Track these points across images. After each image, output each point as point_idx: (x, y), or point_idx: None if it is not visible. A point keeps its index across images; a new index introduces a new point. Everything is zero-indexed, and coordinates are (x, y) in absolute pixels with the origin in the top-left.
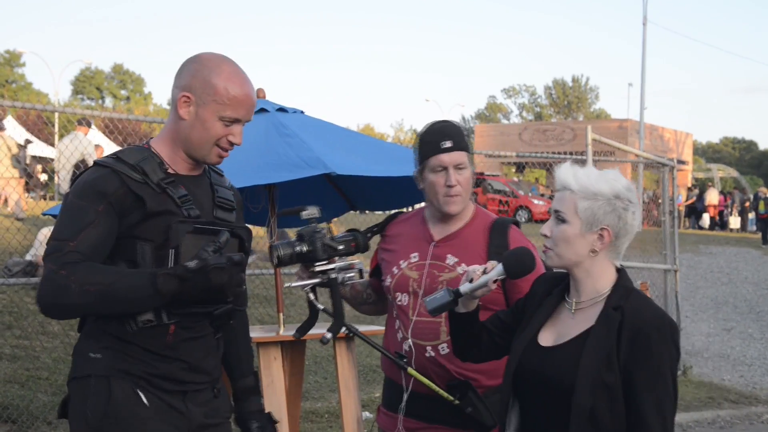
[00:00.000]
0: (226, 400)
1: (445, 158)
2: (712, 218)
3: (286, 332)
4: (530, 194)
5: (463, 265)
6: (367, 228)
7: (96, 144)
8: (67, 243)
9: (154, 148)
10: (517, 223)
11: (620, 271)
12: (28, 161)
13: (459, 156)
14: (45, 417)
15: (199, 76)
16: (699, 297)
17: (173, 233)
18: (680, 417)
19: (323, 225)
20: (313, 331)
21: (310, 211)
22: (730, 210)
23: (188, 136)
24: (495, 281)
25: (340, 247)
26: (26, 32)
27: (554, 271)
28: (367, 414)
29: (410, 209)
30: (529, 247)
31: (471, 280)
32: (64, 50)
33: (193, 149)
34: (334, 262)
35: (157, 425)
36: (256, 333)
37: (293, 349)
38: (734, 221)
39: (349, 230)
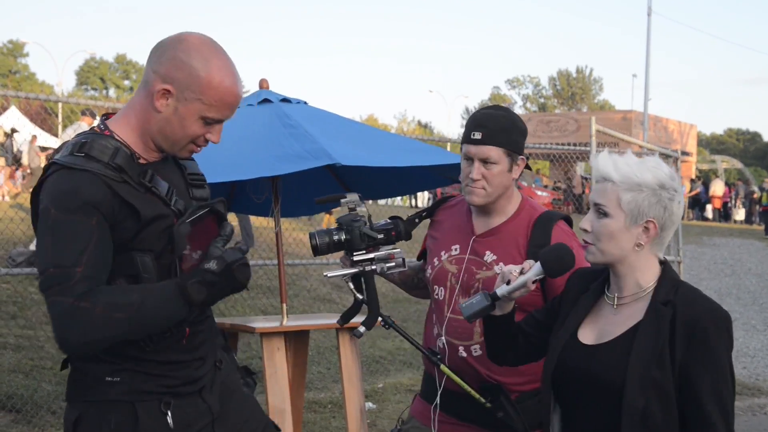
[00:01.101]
0: (232, 362)
1: (472, 149)
2: (716, 209)
3: (290, 323)
4: (533, 185)
5: (501, 264)
6: (414, 213)
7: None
8: (74, 269)
9: (118, 135)
10: (567, 219)
11: (664, 264)
12: (15, 150)
13: (487, 150)
14: (49, 406)
15: (185, 68)
16: (702, 288)
17: (177, 239)
18: None
19: (363, 212)
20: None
21: (350, 198)
22: (734, 202)
23: (161, 130)
24: (534, 281)
25: (380, 236)
26: (30, 23)
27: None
28: (369, 404)
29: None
30: (574, 244)
31: (508, 282)
32: (68, 41)
33: (164, 143)
34: (373, 251)
35: None
36: (259, 323)
37: (297, 340)
38: (738, 213)
39: (392, 217)
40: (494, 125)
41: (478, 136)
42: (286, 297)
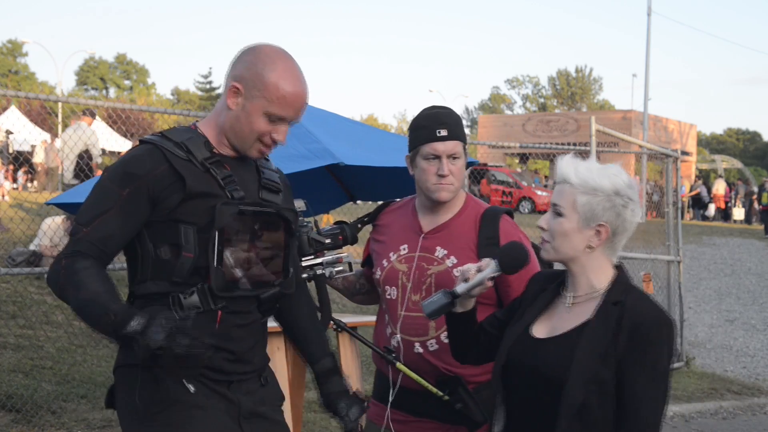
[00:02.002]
0: (276, 388)
1: (440, 147)
2: (718, 209)
3: None
4: (533, 185)
5: (453, 257)
6: (358, 219)
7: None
8: (81, 228)
9: (201, 130)
10: (509, 213)
11: (619, 268)
12: (11, 150)
13: (454, 145)
14: (49, 406)
15: (253, 68)
16: (702, 288)
17: (218, 215)
18: (683, 408)
19: (309, 218)
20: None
21: (297, 205)
22: (733, 201)
23: (232, 127)
24: (491, 278)
25: (327, 241)
26: (30, 23)
27: (551, 269)
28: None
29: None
30: (520, 237)
31: (466, 280)
32: (68, 41)
33: (235, 140)
34: (321, 256)
35: (206, 411)
36: None
37: None
38: (738, 212)
39: (337, 222)
40: (452, 121)
41: (444, 132)
42: None
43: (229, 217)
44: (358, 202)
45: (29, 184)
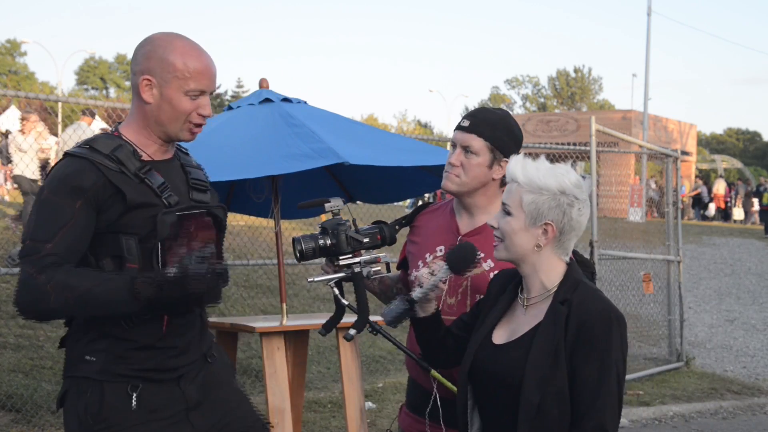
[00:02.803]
0: (225, 361)
1: (458, 135)
2: (718, 209)
3: (290, 322)
4: None
5: (489, 261)
6: (395, 220)
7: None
8: (44, 244)
9: (125, 136)
10: None
11: (569, 265)
12: (11, 150)
13: (469, 138)
14: (49, 406)
15: (155, 56)
16: (702, 288)
17: (160, 225)
18: (683, 408)
19: (348, 218)
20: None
21: (334, 203)
22: (733, 201)
23: (157, 118)
24: (444, 281)
25: (366, 240)
26: (30, 22)
27: (513, 268)
28: (369, 404)
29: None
30: None
31: (421, 285)
32: (68, 41)
33: (165, 129)
34: (359, 256)
35: (148, 425)
36: (259, 323)
37: (296, 340)
38: (738, 212)
39: (375, 222)
40: (483, 117)
41: (465, 123)
42: (285, 297)
43: (169, 225)
44: (358, 202)
45: None
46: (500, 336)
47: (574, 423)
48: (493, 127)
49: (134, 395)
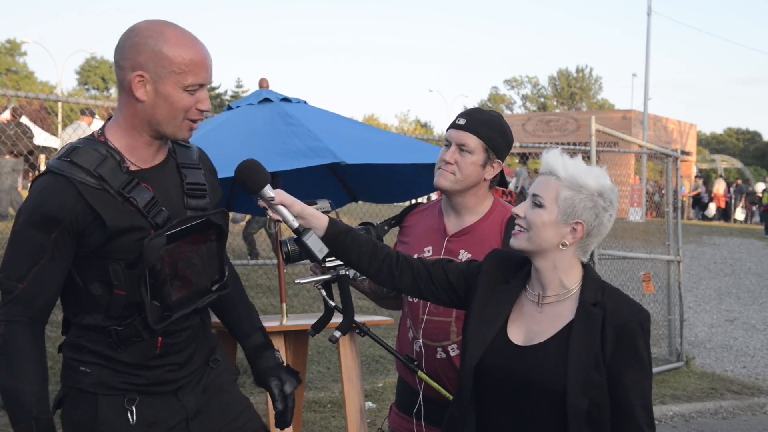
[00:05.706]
0: (228, 365)
1: (453, 133)
2: (718, 209)
3: (289, 322)
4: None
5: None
6: (384, 220)
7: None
8: (17, 285)
9: (111, 141)
10: None
11: (586, 266)
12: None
13: (465, 137)
14: None
15: (146, 48)
16: (702, 288)
17: (146, 252)
18: (683, 408)
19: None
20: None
21: (321, 205)
22: (734, 201)
23: (152, 117)
24: (270, 198)
25: None
26: (30, 22)
27: (510, 249)
28: (369, 404)
29: (423, 200)
30: None
31: (279, 221)
32: (68, 41)
33: (160, 128)
34: None
35: None
36: None
37: (296, 340)
38: (739, 213)
39: (363, 223)
40: (479, 117)
41: (461, 122)
42: (285, 297)
43: (158, 251)
44: (360, 202)
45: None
46: (517, 335)
47: (616, 427)
48: (489, 128)
49: (132, 409)
